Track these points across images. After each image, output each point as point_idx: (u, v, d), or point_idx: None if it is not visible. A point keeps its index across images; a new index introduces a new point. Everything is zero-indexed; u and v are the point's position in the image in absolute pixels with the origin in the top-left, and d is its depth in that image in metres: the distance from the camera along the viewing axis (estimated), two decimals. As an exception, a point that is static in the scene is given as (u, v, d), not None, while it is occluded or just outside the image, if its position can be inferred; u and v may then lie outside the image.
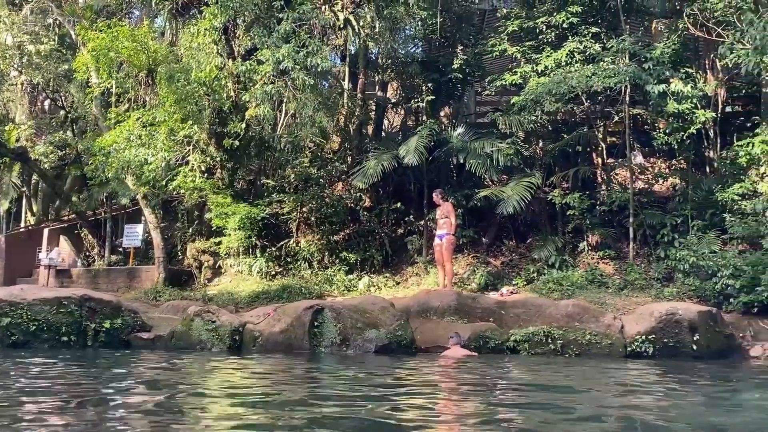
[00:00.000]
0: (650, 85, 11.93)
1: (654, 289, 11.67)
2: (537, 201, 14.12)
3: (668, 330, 9.53)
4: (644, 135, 14.47)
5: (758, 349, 10.27)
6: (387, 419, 3.96)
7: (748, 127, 14.00)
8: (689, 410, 4.95)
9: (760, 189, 12.09)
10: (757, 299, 10.59)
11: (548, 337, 9.60)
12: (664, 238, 12.50)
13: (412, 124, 16.20)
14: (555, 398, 5.27)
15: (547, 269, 12.70)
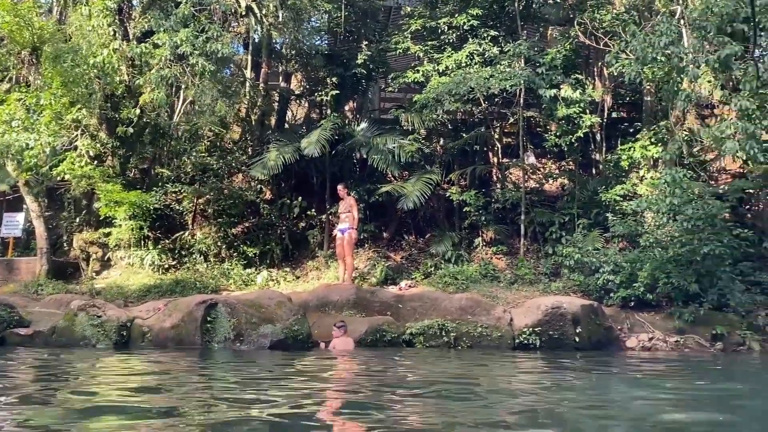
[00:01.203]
0: (543, 89, 12.52)
1: (542, 284, 12.27)
2: (436, 197, 14.47)
3: (553, 323, 10.06)
4: (537, 137, 15.16)
5: (634, 340, 11.06)
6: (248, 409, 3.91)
7: (630, 132, 15.01)
8: (560, 396, 5.26)
9: (639, 191, 12.98)
10: (634, 294, 11.38)
11: (442, 329, 9.89)
12: (553, 235, 13.18)
13: (316, 117, 16.09)
14: (434, 389, 5.43)
15: (444, 264, 13.04)
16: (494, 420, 3.95)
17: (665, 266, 11.16)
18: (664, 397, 5.23)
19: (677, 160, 12.66)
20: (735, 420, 4.34)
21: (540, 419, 4.13)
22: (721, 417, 4.39)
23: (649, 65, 10.70)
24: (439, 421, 3.93)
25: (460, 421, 3.87)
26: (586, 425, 3.99)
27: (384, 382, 5.91)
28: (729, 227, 11.55)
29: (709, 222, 11.17)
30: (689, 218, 10.93)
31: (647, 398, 5.08)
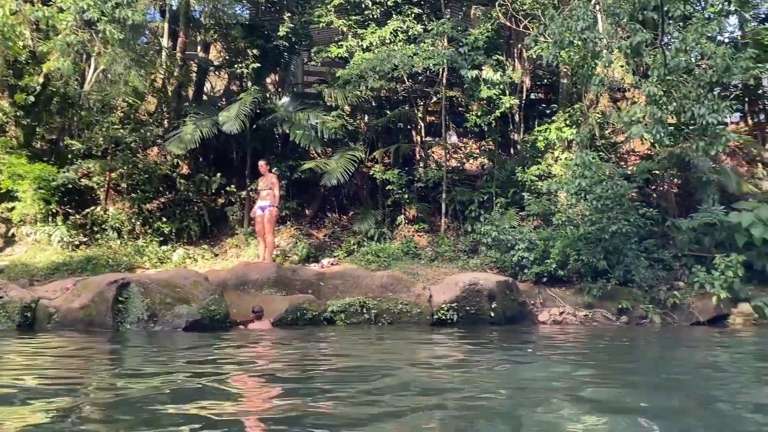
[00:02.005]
0: (465, 69, 12.66)
1: (461, 261, 12.55)
2: (360, 175, 14.44)
3: (471, 299, 10.34)
4: (459, 116, 15.33)
5: (545, 314, 11.54)
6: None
7: (547, 113, 15.48)
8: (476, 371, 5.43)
9: (554, 171, 13.44)
10: (546, 270, 11.84)
11: (363, 307, 9.97)
12: (472, 213, 13.48)
13: (236, 89, 15.58)
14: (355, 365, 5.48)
15: (367, 241, 13.10)
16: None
17: (576, 244, 11.66)
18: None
19: (590, 141, 13.18)
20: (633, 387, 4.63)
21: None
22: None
23: (566, 49, 11.01)
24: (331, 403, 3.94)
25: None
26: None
27: (277, 359, 5.92)
28: (636, 207, 12.18)
29: (617, 202, 11.73)
30: (599, 198, 11.44)
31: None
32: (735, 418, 3.76)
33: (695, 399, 4.34)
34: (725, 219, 12.31)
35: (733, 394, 4.53)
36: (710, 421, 3.65)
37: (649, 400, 4.17)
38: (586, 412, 3.74)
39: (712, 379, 5.34)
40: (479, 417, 3.53)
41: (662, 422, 3.49)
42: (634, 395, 4.44)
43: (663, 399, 4.24)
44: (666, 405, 4.03)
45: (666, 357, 7.42)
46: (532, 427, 3.38)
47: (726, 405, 4.15)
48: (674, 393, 4.54)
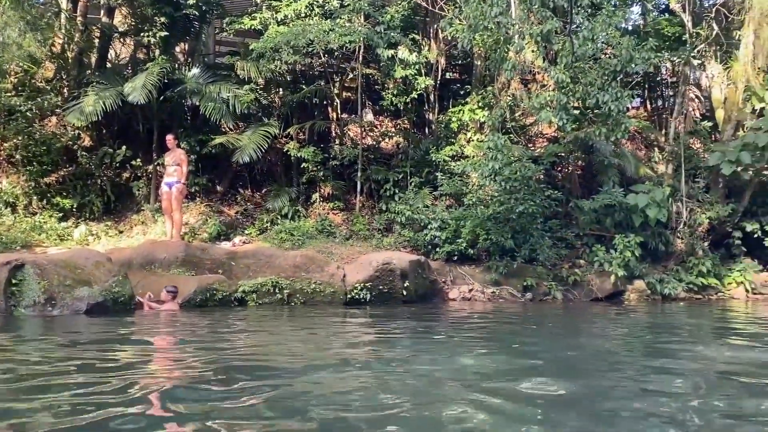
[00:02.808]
0: (381, 48, 12.61)
1: (375, 239, 12.66)
2: (274, 151, 14.18)
3: (384, 278, 10.47)
4: (376, 94, 15.33)
5: (455, 291, 11.88)
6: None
7: (461, 94, 15.73)
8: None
9: (467, 152, 13.73)
10: (457, 249, 12.16)
11: (276, 287, 9.87)
12: (387, 192, 13.58)
13: (143, 58, 14.80)
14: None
15: (281, 219, 12.93)
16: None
17: (485, 223, 12.02)
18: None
19: (501, 124, 13.54)
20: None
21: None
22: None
23: (480, 33, 11.19)
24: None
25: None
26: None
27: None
28: (542, 188, 12.67)
29: (525, 183, 12.16)
30: (508, 179, 11.82)
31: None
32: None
33: (591, 380, 4.60)
34: (624, 200, 13.05)
35: (614, 364, 4.86)
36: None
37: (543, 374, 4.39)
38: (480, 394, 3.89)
39: (604, 358, 5.69)
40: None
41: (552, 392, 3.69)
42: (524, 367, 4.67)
43: (559, 374, 4.47)
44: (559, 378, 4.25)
45: (562, 335, 7.81)
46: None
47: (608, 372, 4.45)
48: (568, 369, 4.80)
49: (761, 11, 13.55)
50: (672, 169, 14.53)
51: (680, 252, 13.64)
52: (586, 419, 3.29)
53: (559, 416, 3.32)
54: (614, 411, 3.53)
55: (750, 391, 4.12)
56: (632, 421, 3.30)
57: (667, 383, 4.25)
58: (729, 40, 15.01)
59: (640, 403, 3.66)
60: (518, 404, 3.56)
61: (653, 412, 3.42)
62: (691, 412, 3.48)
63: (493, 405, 3.51)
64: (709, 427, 3.21)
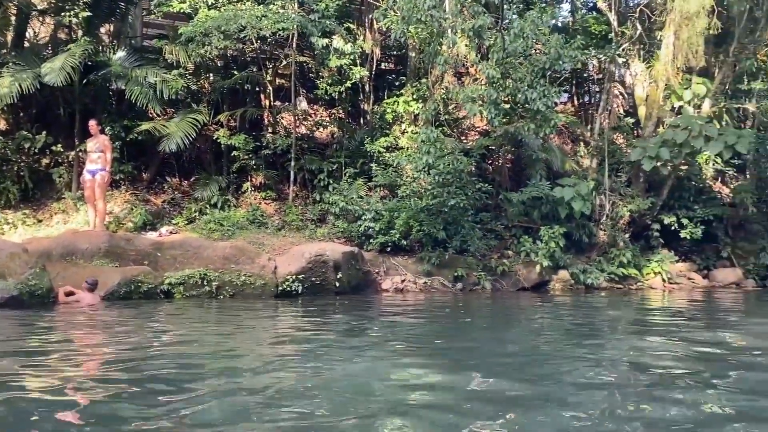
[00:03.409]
0: (315, 37, 12.45)
1: (308, 230, 12.56)
2: (203, 138, 13.81)
3: (316, 270, 10.42)
4: (310, 82, 15.14)
5: (388, 282, 11.96)
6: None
7: (396, 85, 15.76)
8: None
9: (401, 143, 13.80)
10: (390, 240, 12.23)
11: (204, 279, 9.66)
12: (321, 182, 13.48)
13: (64, 38, 14.05)
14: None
15: (210, 209, 12.62)
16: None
17: (419, 215, 12.14)
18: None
19: (434, 117, 13.66)
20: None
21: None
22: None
23: (414, 25, 11.23)
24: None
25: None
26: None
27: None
28: (473, 181, 12.89)
29: (457, 176, 12.34)
30: (440, 173, 11.96)
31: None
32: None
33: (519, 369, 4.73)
34: (550, 193, 13.46)
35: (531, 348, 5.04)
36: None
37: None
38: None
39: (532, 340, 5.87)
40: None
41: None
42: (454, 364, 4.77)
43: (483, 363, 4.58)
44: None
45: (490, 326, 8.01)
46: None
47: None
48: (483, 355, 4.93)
49: (681, 13, 14.17)
50: (596, 163, 15.08)
51: (603, 243, 14.21)
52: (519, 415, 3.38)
53: (480, 408, 3.40)
54: (544, 404, 3.65)
55: (662, 380, 4.34)
56: (562, 417, 3.41)
57: (590, 375, 4.43)
58: (651, 40, 15.67)
59: (574, 398, 3.79)
60: (447, 404, 3.62)
61: (584, 406, 3.55)
62: (612, 407, 3.64)
63: (420, 408, 3.55)
64: (629, 417, 3.37)
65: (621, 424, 3.24)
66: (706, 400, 3.78)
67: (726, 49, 15.08)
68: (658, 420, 3.33)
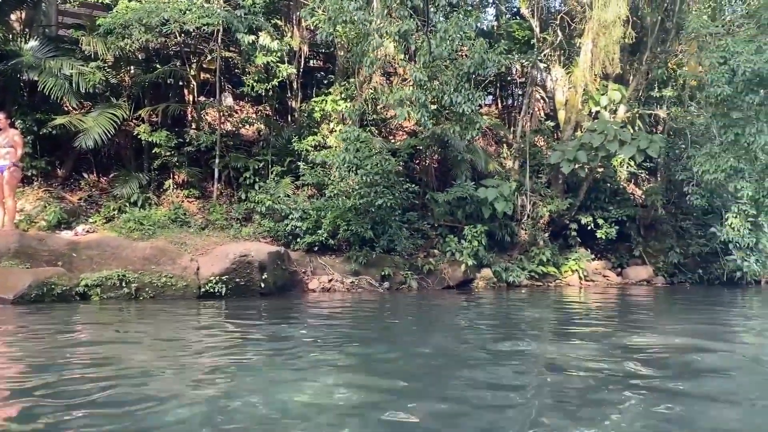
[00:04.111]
0: (241, 33, 12.23)
1: (233, 229, 12.34)
2: (123, 134, 13.29)
3: (241, 270, 10.25)
4: (236, 78, 14.85)
5: (315, 282, 11.93)
6: None
7: (325, 84, 15.72)
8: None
9: (329, 143, 13.76)
10: (318, 239, 12.20)
11: (123, 280, 9.34)
12: (247, 180, 13.27)
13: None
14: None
15: (130, 207, 12.19)
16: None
17: (346, 215, 12.17)
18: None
19: (362, 117, 13.71)
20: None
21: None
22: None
23: (342, 25, 11.22)
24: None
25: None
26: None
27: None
28: (401, 181, 13.03)
29: (384, 176, 12.44)
30: (368, 172, 12.03)
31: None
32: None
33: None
34: (474, 194, 13.80)
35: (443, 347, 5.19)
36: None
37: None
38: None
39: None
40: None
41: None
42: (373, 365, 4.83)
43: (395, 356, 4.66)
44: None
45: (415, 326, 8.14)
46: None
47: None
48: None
49: (599, 22, 14.83)
50: (518, 164, 15.57)
51: (524, 242, 14.70)
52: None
53: (403, 414, 3.46)
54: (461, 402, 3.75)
55: (581, 382, 4.55)
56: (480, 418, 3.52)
57: (507, 377, 4.59)
58: (571, 47, 16.31)
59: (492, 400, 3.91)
60: (370, 412, 3.66)
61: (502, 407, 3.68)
62: (529, 406, 3.78)
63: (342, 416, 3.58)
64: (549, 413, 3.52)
65: (542, 425, 3.38)
66: (623, 400, 3.99)
67: (640, 57, 15.90)
68: (578, 419, 3.50)
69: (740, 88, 12.53)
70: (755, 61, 12.04)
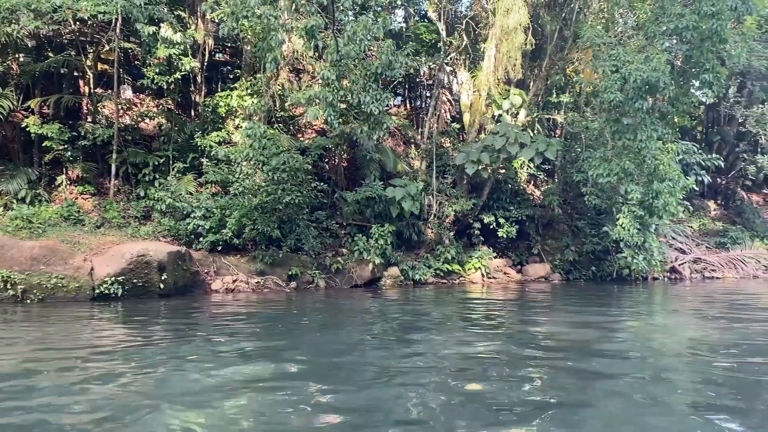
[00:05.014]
0: (141, 24, 11.72)
1: (131, 228, 11.82)
2: (10, 125, 12.42)
3: (138, 271, 9.86)
4: (136, 69, 14.21)
5: (219, 282, 11.65)
6: None
7: (231, 78, 15.34)
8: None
9: (235, 139, 13.45)
10: (222, 238, 11.90)
11: (7, 282, 8.81)
12: (146, 177, 12.74)
13: None
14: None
15: (17, 204, 11.39)
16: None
17: (252, 213, 11.95)
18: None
19: (269, 113, 13.50)
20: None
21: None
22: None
23: (249, 20, 10.98)
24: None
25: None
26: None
27: None
28: (309, 179, 12.94)
29: (292, 174, 12.31)
30: (275, 170, 11.86)
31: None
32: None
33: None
34: (383, 193, 13.92)
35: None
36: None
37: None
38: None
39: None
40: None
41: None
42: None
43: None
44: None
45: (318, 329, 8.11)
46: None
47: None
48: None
49: (502, 28, 15.35)
50: (426, 165, 15.86)
51: (430, 241, 15.00)
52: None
53: (315, 417, 3.44)
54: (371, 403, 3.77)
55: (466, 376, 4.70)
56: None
57: (413, 376, 4.66)
58: (476, 52, 16.78)
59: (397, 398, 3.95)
60: (278, 415, 3.61)
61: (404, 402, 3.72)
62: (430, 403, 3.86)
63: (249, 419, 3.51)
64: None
65: (440, 421, 3.46)
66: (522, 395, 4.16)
67: (540, 64, 16.58)
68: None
69: (631, 95, 13.32)
70: (644, 70, 12.84)
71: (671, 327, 7.88)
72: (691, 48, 13.63)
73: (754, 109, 20.09)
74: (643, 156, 13.55)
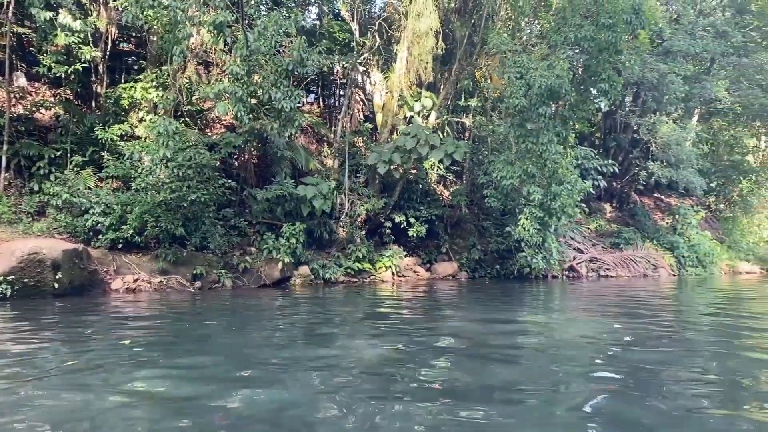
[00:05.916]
0: (36, 8, 11.05)
1: (23, 224, 11.14)
2: None
3: (30, 269, 9.31)
4: (31, 56, 13.37)
5: (119, 282, 11.17)
6: None
7: (136, 69, 14.74)
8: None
9: (138, 132, 12.94)
10: (122, 236, 11.43)
11: None
12: (41, 170, 12.04)
13: None
14: None
15: None
16: None
17: (155, 210, 11.55)
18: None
19: (176, 107, 13.09)
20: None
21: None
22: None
23: (155, 10, 10.61)
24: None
25: None
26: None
27: None
28: (217, 176, 12.66)
29: (198, 170, 12.01)
30: (180, 165, 11.52)
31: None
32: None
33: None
34: (294, 191, 13.84)
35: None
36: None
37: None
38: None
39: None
40: None
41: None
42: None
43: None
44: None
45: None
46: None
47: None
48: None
49: (414, 31, 15.64)
50: (338, 164, 15.91)
51: (342, 240, 15.06)
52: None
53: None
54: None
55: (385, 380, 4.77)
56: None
57: (321, 380, 4.67)
58: (389, 53, 17.00)
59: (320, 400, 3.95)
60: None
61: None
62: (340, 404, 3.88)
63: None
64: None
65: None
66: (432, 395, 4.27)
67: (450, 68, 17.01)
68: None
69: (534, 101, 13.94)
70: (548, 77, 13.47)
71: (568, 321, 8.34)
72: (589, 57, 14.43)
73: (646, 118, 21.54)
74: (545, 159, 14.21)
